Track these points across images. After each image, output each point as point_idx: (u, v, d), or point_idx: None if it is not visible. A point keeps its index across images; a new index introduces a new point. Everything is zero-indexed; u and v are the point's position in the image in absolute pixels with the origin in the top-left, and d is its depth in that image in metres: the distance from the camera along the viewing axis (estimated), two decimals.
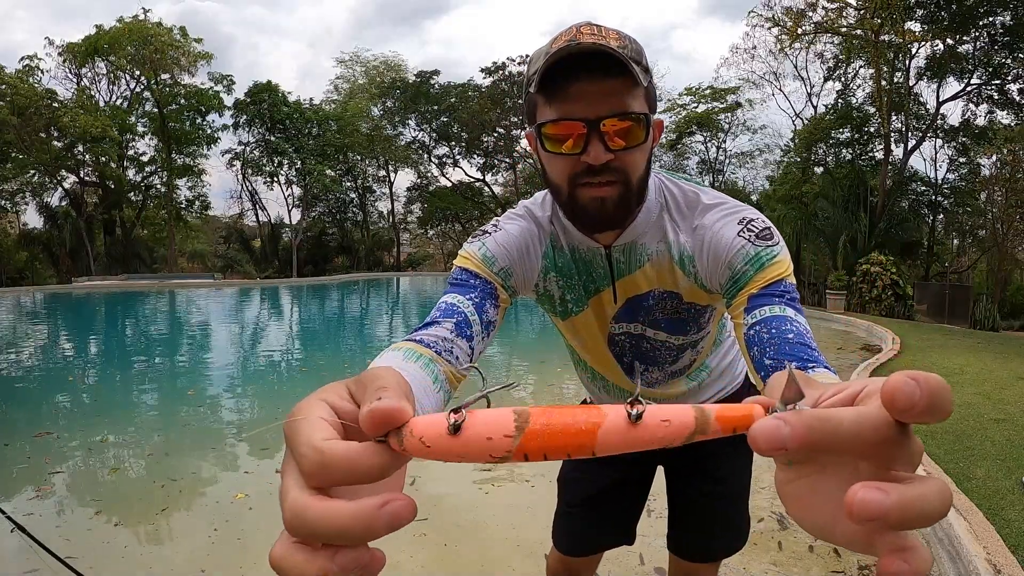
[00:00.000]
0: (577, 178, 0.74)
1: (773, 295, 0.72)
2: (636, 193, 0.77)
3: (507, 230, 0.87)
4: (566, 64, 0.69)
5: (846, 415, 0.27)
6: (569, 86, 0.70)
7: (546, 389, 5.11)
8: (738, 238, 0.77)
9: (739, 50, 24.66)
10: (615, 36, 0.71)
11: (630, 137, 0.72)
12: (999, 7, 15.49)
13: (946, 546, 2.19)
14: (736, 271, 0.76)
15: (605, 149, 0.71)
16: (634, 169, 0.75)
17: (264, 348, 8.48)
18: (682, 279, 0.87)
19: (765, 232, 0.77)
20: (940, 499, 0.27)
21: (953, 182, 19.78)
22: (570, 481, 1.32)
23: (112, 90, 24.52)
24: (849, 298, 13.54)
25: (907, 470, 0.29)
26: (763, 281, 0.73)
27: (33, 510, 2.68)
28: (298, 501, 0.30)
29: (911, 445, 0.28)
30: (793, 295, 0.73)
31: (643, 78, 0.71)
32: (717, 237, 0.79)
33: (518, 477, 3.19)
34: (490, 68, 25.08)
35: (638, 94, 0.72)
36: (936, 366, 5.83)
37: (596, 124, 0.70)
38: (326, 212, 28.71)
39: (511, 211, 0.93)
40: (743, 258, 0.76)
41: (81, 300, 15.32)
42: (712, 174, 26.17)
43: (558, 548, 1.30)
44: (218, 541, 2.44)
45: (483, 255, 0.84)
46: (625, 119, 0.71)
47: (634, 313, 0.93)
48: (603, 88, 0.70)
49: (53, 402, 4.98)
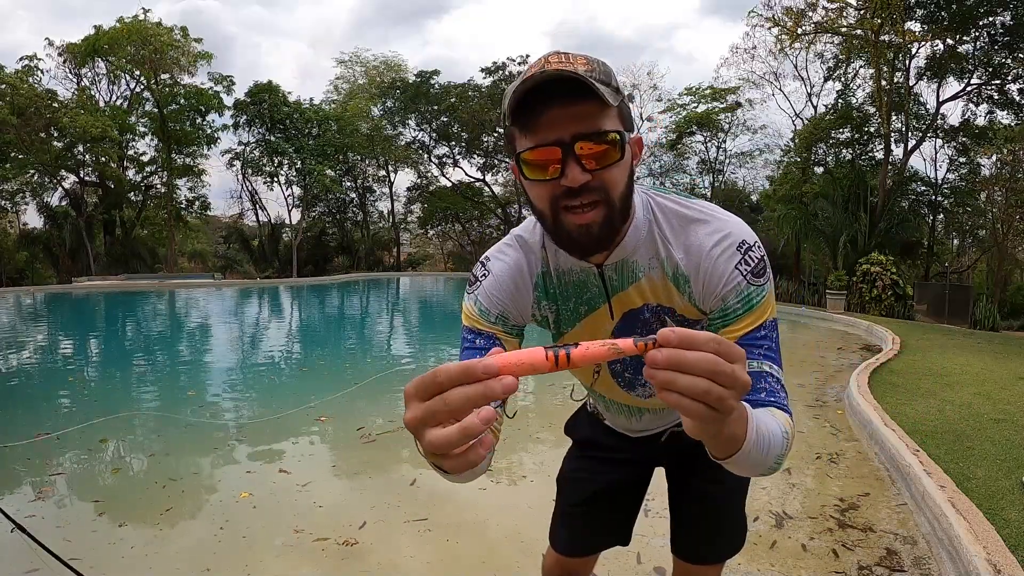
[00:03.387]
0: (559, 202, 0.76)
1: (754, 346, 0.81)
2: (620, 211, 0.79)
3: (495, 273, 0.92)
4: (536, 93, 0.71)
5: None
6: (541, 114, 0.72)
7: (547, 389, 5.11)
8: (735, 272, 0.82)
9: (739, 50, 24.59)
10: (583, 61, 0.74)
11: (606, 156, 0.74)
12: (999, 7, 15.48)
13: (946, 546, 2.20)
14: (728, 306, 0.83)
15: (582, 170, 0.73)
16: (614, 187, 0.77)
17: (264, 348, 8.48)
18: (676, 295, 0.90)
19: (759, 267, 0.83)
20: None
21: (953, 182, 19.77)
22: (570, 481, 1.33)
23: (112, 90, 24.56)
24: (849, 298, 13.54)
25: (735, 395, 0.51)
26: (749, 326, 0.82)
27: (34, 511, 2.68)
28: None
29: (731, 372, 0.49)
30: (771, 339, 0.82)
31: (613, 98, 0.72)
32: (716, 267, 0.83)
33: (517, 475, 3.19)
34: (490, 68, 25.08)
35: (610, 114, 0.75)
36: (936, 366, 5.84)
37: (571, 147, 0.72)
38: (326, 212, 28.70)
39: (504, 243, 0.96)
40: (736, 295, 0.82)
41: (81, 300, 15.32)
42: (712, 174, 26.15)
43: (555, 548, 1.31)
44: (223, 540, 2.44)
45: (479, 310, 0.91)
46: (598, 139, 0.73)
47: (632, 327, 0.95)
48: (574, 112, 0.72)
49: (53, 402, 4.98)
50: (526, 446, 3.71)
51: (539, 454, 3.53)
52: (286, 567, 2.25)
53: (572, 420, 1.40)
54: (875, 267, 13.22)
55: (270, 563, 2.27)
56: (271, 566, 2.25)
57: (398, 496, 2.89)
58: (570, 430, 1.40)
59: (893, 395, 4.49)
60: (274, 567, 2.24)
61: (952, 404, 4.19)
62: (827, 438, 3.85)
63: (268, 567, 2.24)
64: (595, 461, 1.31)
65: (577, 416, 1.39)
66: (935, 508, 2.40)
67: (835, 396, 4.96)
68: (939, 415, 3.90)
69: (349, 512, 2.71)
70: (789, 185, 19.40)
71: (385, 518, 2.65)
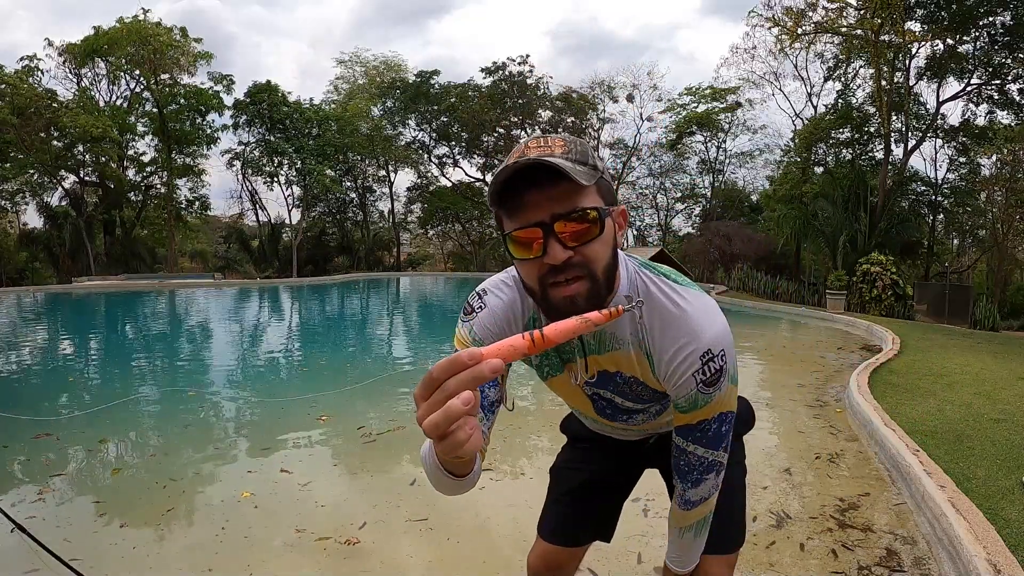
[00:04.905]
0: (545, 279, 0.82)
1: (690, 435, 0.97)
2: (604, 283, 0.84)
3: (491, 307, 0.97)
4: (517, 179, 0.78)
5: None
6: (521, 198, 0.79)
7: (546, 390, 5.12)
8: (690, 379, 0.90)
9: (739, 50, 24.61)
10: (560, 143, 0.81)
11: (585, 233, 0.80)
12: (999, 7, 15.49)
13: (946, 546, 2.20)
14: (678, 400, 0.94)
15: (563, 248, 0.79)
16: (596, 261, 0.82)
17: (264, 348, 8.48)
18: (645, 371, 0.96)
19: (714, 377, 0.90)
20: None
21: (953, 182, 19.79)
22: (562, 470, 1.42)
23: (112, 90, 24.53)
24: (849, 298, 13.54)
25: None
26: (691, 419, 0.95)
27: (35, 512, 2.68)
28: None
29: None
30: (710, 433, 0.96)
31: (588, 178, 0.78)
32: (675, 369, 0.91)
33: (517, 474, 3.20)
34: (490, 68, 25.08)
35: (588, 192, 0.80)
36: (936, 366, 5.84)
37: (550, 227, 0.78)
38: (326, 212, 28.69)
39: (502, 278, 1.01)
40: (685, 397, 0.93)
41: (81, 300, 15.32)
42: (712, 174, 26.16)
43: (542, 536, 1.37)
44: (225, 540, 2.44)
45: (472, 339, 0.95)
46: (577, 218, 0.78)
47: (605, 383, 1.03)
48: (551, 194, 0.78)
49: (53, 403, 4.98)
50: (526, 446, 3.72)
51: (539, 454, 3.54)
52: (288, 567, 2.25)
53: (567, 419, 1.48)
54: (875, 267, 13.22)
55: (272, 563, 2.27)
56: (273, 566, 2.25)
57: (398, 496, 2.90)
58: (564, 427, 1.48)
59: (893, 395, 4.49)
60: (276, 567, 2.25)
61: (952, 404, 4.19)
62: (827, 438, 3.85)
63: (270, 567, 2.24)
64: (587, 452, 1.39)
65: (571, 415, 1.46)
66: (935, 508, 2.40)
67: (835, 396, 4.96)
68: (939, 415, 3.90)
69: (350, 512, 2.71)
70: (789, 185, 19.42)
71: (386, 518, 2.66)
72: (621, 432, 1.25)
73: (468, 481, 0.81)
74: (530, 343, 0.53)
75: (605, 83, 25.35)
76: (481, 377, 0.51)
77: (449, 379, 0.51)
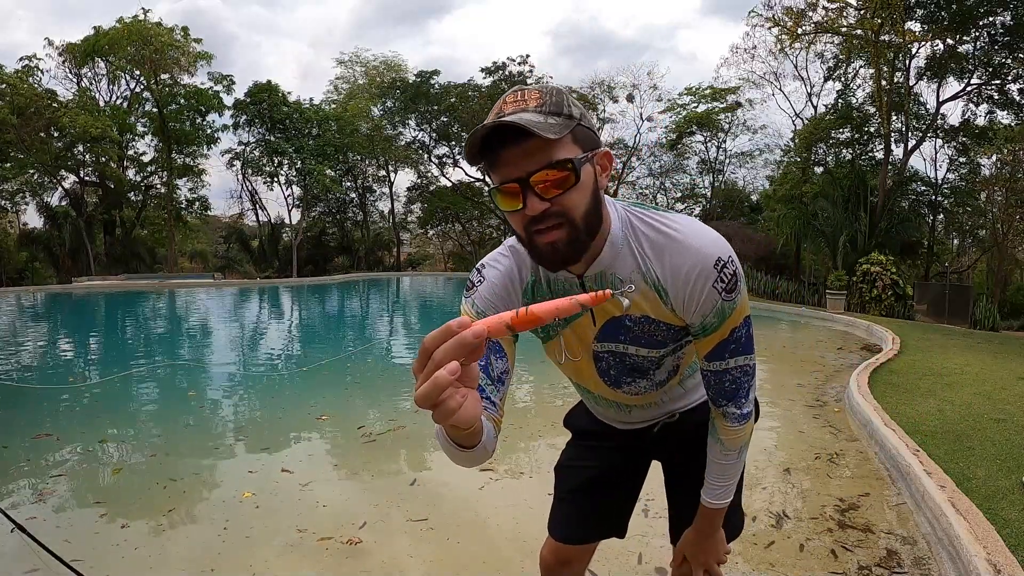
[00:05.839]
0: (528, 227, 0.85)
1: (726, 348, 0.98)
2: (585, 229, 0.86)
3: (489, 279, 1.00)
4: (492, 137, 0.80)
5: None
6: (498, 156, 0.82)
7: (546, 387, 5.12)
8: (712, 291, 0.91)
9: (739, 50, 24.59)
10: (535, 96, 0.83)
11: (561, 183, 0.81)
12: (999, 7, 15.48)
13: (946, 546, 2.20)
14: (706, 319, 0.94)
15: (540, 200, 0.81)
16: (573, 209, 0.84)
17: (264, 348, 8.48)
18: (655, 305, 0.96)
19: (732, 283, 0.91)
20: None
21: (953, 182, 19.77)
22: (566, 468, 1.41)
23: (112, 90, 24.49)
24: (849, 298, 13.54)
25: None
26: (724, 333, 0.96)
27: (35, 513, 2.68)
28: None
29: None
30: (743, 337, 0.97)
31: (558, 131, 0.79)
32: (693, 289, 0.92)
33: (517, 474, 3.20)
34: (490, 68, 25.07)
35: (561, 143, 0.81)
36: (936, 366, 5.84)
37: (526, 181, 0.81)
38: (326, 212, 28.66)
39: (499, 251, 1.04)
40: (712, 310, 0.93)
41: (81, 300, 15.32)
42: (712, 174, 26.15)
43: (552, 535, 1.37)
44: (227, 540, 2.44)
45: (476, 312, 0.98)
46: (550, 170, 0.80)
47: (615, 333, 1.03)
48: (525, 149, 0.80)
49: (53, 403, 4.98)
50: (526, 445, 3.72)
51: (539, 453, 3.54)
52: (290, 567, 2.25)
53: (570, 413, 1.47)
54: (875, 267, 13.22)
55: (274, 563, 2.27)
56: (275, 566, 2.25)
57: (399, 495, 2.90)
58: (568, 422, 1.47)
59: (893, 395, 4.49)
60: (278, 567, 2.25)
61: (952, 404, 4.19)
62: (827, 438, 3.86)
63: (272, 567, 2.24)
64: (591, 449, 1.38)
65: (574, 409, 1.46)
66: (935, 508, 2.41)
67: (835, 396, 4.97)
68: (939, 415, 3.90)
69: (351, 511, 2.71)
70: (789, 185, 19.40)
71: (386, 517, 2.66)
72: (626, 414, 1.25)
73: (479, 452, 0.80)
74: (514, 316, 0.55)
75: (605, 83, 25.34)
76: (465, 343, 0.52)
77: (436, 349, 0.53)
